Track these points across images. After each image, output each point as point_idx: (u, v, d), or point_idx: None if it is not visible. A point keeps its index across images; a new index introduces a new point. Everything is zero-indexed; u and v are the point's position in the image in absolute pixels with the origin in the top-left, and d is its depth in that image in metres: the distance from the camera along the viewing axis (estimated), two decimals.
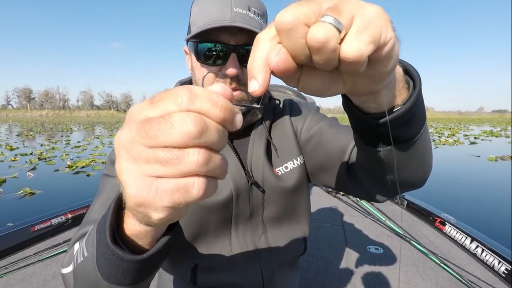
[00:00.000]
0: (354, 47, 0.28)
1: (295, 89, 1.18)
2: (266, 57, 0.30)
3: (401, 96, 0.45)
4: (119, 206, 0.41)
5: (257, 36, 0.31)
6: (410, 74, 0.47)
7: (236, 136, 0.90)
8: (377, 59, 0.31)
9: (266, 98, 0.96)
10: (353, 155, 0.75)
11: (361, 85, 0.37)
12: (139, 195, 0.29)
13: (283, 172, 0.90)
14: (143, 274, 0.43)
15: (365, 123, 0.49)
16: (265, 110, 0.93)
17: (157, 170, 0.28)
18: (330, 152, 0.84)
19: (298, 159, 0.92)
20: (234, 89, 0.77)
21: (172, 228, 0.44)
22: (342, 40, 0.28)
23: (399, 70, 0.42)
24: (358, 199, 3.75)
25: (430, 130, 29.61)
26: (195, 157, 0.27)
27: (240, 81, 0.77)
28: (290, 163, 0.91)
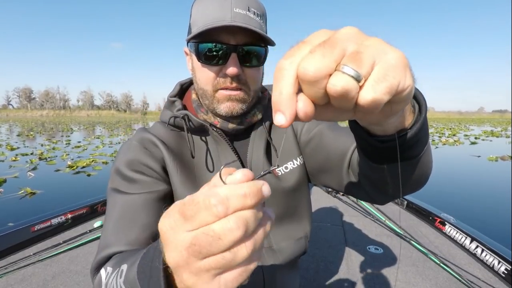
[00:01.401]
0: (371, 97, 0.29)
1: None
2: (292, 93, 0.31)
3: (407, 120, 0.46)
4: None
5: (280, 65, 0.32)
6: (416, 97, 0.48)
7: (236, 137, 0.90)
8: (392, 102, 0.32)
9: (266, 99, 0.96)
10: (354, 158, 0.76)
11: (371, 118, 0.38)
12: None
13: (283, 173, 0.90)
14: None
15: (370, 144, 0.51)
16: (265, 111, 0.93)
17: (218, 271, 0.31)
18: (330, 154, 0.84)
19: (298, 159, 0.92)
20: (235, 89, 0.77)
21: None
22: (360, 87, 0.29)
23: None
24: (358, 199, 3.76)
25: (431, 130, 29.53)
26: (244, 253, 0.31)
27: (240, 81, 0.77)
28: (290, 163, 0.91)
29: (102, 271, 0.61)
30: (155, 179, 0.79)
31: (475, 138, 19.20)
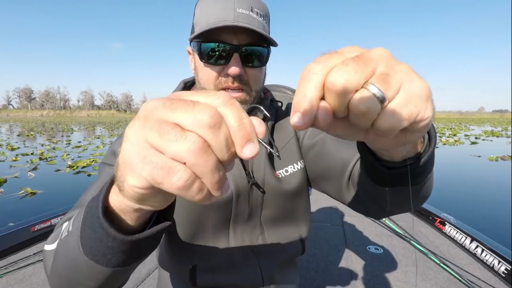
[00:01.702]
0: (389, 122, 0.30)
1: (295, 88, 1.18)
2: (316, 98, 0.31)
3: (416, 149, 0.47)
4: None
5: (310, 68, 0.31)
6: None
7: None
8: (408, 130, 0.33)
9: (268, 100, 0.96)
10: (355, 171, 0.76)
11: (383, 142, 0.38)
12: (129, 153, 0.30)
13: (283, 175, 0.90)
14: (124, 257, 0.42)
15: (375, 168, 0.51)
16: (267, 111, 0.93)
17: (155, 139, 0.28)
18: (331, 164, 0.84)
19: (299, 163, 0.92)
20: (237, 89, 0.78)
21: (162, 220, 0.43)
22: (382, 108, 0.30)
23: None
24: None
25: None
26: (188, 142, 0.27)
27: (242, 81, 0.77)
28: (291, 167, 0.91)
29: (65, 223, 0.56)
30: None
31: (476, 138, 19.21)
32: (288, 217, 0.95)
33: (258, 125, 0.30)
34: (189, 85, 0.95)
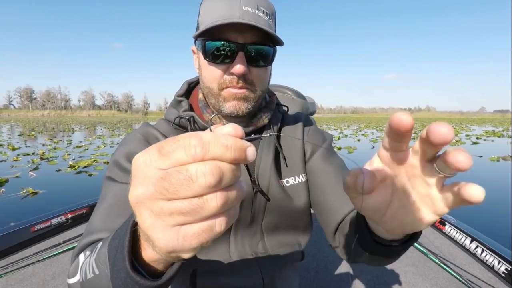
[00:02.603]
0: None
1: (295, 88, 1.19)
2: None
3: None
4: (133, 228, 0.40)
5: None
6: None
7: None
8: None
9: (274, 104, 0.94)
10: (346, 223, 0.77)
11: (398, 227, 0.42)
12: (169, 246, 0.30)
13: (288, 184, 0.90)
14: None
15: (370, 241, 0.53)
16: (272, 116, 0.92)
17: (181, 219, 0.29)
18: (325, 203, 0.86)
19: (301, 176, 0.91)
20: (241, 88, 0.76)
21: None
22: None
23: None
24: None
25: None
26: (214, 203, 0.28)
27: (247, 80, 0.76)
28: (295, 178, 0.91)
29: (81, 255, 0.58)
30: None
31: (477, 138, 19.16)
32: (288, 225, 0.94)
33: (234, 130, 0.31)
34: (193, 85, 0.94)
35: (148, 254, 0.38)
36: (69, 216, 2.81)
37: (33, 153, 10.66)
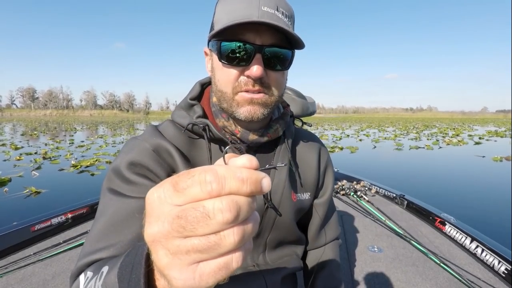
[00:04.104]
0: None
1: (295, 88, 1.19)
2: None
3: None
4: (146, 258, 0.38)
5: None
6: None
7: (259, 149, 0.87)
8: None
9: (288, 116, 0.92)
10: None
11: None
12: (186, 285, 0.29)
13: (299, 199, 0.91)
14: None
15: None
16: (287, 128, 0.91)
17: (198, 257, 0.28)
18: (309, 228, 1.05)
19: (307, 194, 0.95)
20: (257, 92, 0.72)
21: None
22: None
23: None
24: (358, 199, 3.75)
25: (434, 130, 29.45)
26: (231, 239, 0.28)
27: (263, 84, 0.72)
28: (307, 194, 0.93)
29: (81, 276, 0.56)
30: (156, 184, 0.75)
31: (479, 138, 19.11)
32: (293, 239, 0.95)
33: (249, 162, 0.30)
34: (205, 87, 0.90)
35: (161, 284, 0.37)
36: (69, 216, 2.81)
37: (35, 153, 10.70)
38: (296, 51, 0.75)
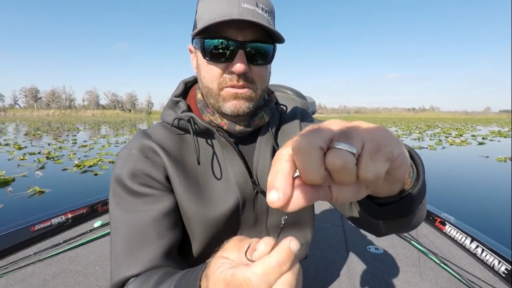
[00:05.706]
0: (372, 169, 0.31)
1: (295, 88, 1.19)
2: (288, 172, 0.32)
3: (406, 183, 0.49)
4: None
5: (278, 154, 0.33)
6: (413, 159, 0.52)
7: (242, 141, 0.88)
8: (392, 170, 0.34)
9: (273, 102, 0.93)
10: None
11: (382, 188, 0.40)
12: None
13: None
14: None
15: (369, 205, 0.54)
16: (271, 117, 0.91)
17: None
18: None
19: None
20: (242, 87, 0.75)
21: None
22: (358, 162, 0.31)
23: None
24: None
25: (437, 130, 29.34)
26: None
27: (247, 79, 0.75)
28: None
29: None
30: (161, 191, 0.76)
31: (483, 138, 19.02)
32: (294, 222, 0.95)
33: (295, 246, 0.33)
34: (189, 85, 0.92)
35: None
36: (69, 216, 2.82)
37: (39, 152, 10.74)
38: (299, 52, 0.77)
